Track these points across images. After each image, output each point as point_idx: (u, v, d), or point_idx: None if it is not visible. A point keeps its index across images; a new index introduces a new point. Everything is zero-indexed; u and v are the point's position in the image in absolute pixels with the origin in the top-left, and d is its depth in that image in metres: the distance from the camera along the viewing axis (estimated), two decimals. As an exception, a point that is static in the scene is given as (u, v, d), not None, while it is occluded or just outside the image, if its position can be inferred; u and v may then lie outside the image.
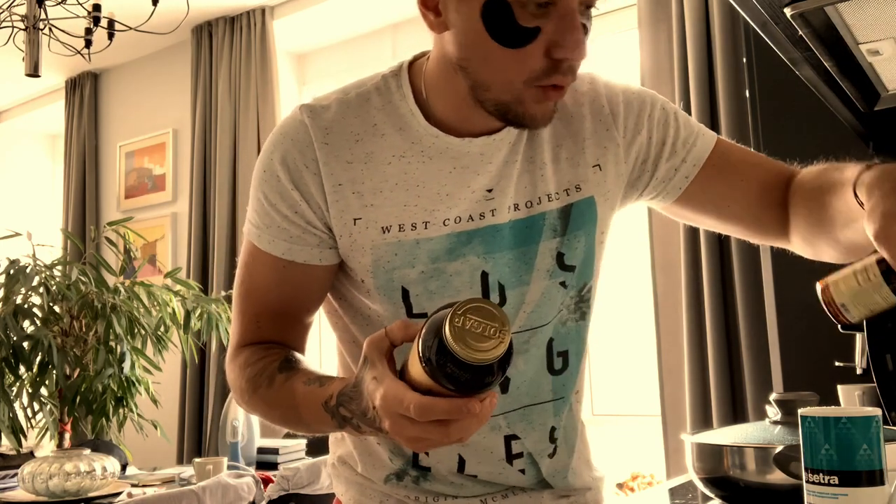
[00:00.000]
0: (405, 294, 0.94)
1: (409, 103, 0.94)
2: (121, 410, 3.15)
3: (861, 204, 0.82)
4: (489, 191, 0.94)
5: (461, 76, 0.88)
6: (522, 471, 1.01)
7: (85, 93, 4.70)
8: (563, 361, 1.01)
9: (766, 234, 1.06)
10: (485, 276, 0.94)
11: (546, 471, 1.03)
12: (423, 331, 0.68)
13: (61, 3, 2.89)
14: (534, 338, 0.97)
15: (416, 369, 0.69)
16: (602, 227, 1.00)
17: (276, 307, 0.97)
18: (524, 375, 0.98)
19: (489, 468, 1.00)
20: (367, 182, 0.92)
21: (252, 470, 2.64)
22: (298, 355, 0.96)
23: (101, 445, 2.88)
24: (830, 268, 0.89)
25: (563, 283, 0.97)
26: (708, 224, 1.08)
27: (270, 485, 2.48)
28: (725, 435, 1.05)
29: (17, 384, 3.04)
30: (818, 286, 0.83)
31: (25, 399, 3.08)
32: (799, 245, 1.02)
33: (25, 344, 2.99)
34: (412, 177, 0.93)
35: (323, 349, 3.65)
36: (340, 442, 1.09)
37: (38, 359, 3.00)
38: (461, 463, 1.00)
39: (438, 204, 0.93)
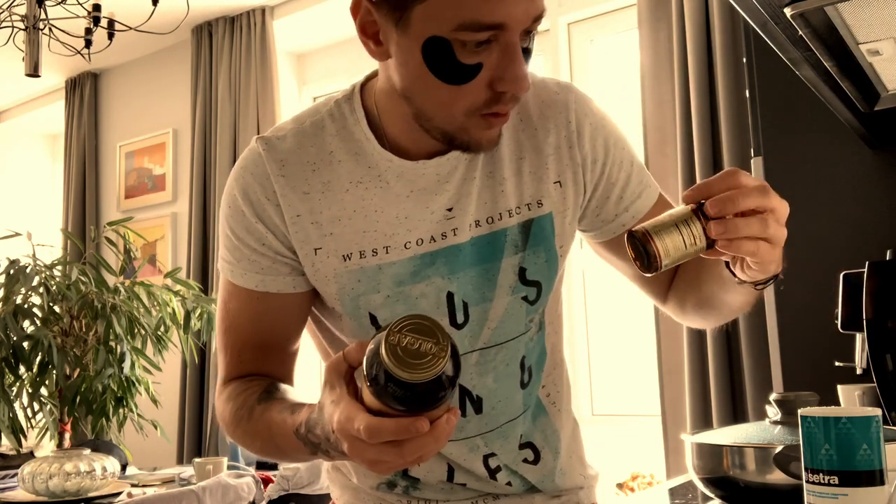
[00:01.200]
0: (373, 319, 0.94)
1: (363, 128, 0.93)
2: (121, 410, 3.15)
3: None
4: (449, 210, 0.93)
5: (405, 104, 0.87)
6: (509, 483, 1.02)
7: (85, 93, 4.70)
8: (529, 374, 1.01)
9: (659, 294, 1.09)
10: (450, 296, 0.93)
11: (532, 478, 1.03)
12: (367, 351, 0.68)
13: (61, 3, 2.89)
14: (500, 354, 0.97)
15: (366, 391, 0.69)
16: (561, 241, 0.98)
17: (256, 340, 0.97)
18: (497, 395, 0.98)
19: (478, 484, 1.02)
20: (325, 211, 0.92)
21: (252, 470, 2.64)
22: (281, 385, 0.95)
23: (101, 445, 2.89)
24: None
25: (525, 298, 0.96)
26: (620, 269, 1.09)
27: (270, 485, 2.48)
28: (725, 435, 1.05)
29: (17, 384, 3.04)
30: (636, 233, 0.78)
31: (25, 399, 3.08)
32: (672, 305, 1.05)
33: (25, 344, 2.99)
34: (370, 203, 0.92)
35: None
36: None
37: (38, 359, 3.00)
38: (450, 472, 1.00)
39: (398, 228, 0.92)
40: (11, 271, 3.07)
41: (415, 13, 0.79)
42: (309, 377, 3.47)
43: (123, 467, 2.82)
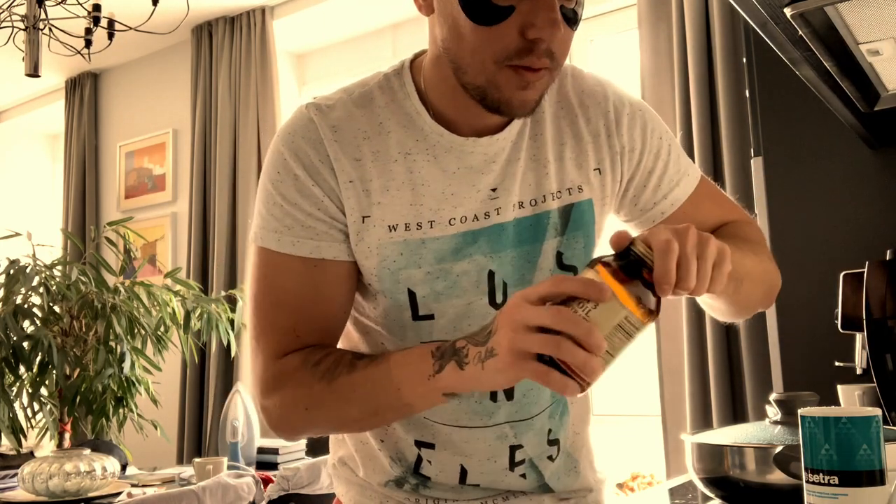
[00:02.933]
0: (412, 296, 0.93)
1: (414, 101, 0.94)
2: (121, 410, 3.15)
3: None
4: (493, 190, 0.94)
5: (446, 61, 0.88)
6: (523, 475, 1.02)
7: (85, 93, 4.70)
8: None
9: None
10: (491, 274, 0.94)
11: (548, 475, 1.03)
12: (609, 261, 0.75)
13: (61, 3, 2.89)
14: None
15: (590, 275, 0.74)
16: (598, 231, 1.00)
17: (313, 312, 0.93)
18: (528, 381, 0.97)
19: (491, 477, 1.01)
20: (374, 180, 0.92)
21: (252, 470, 2.64)
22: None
23: (101, 445, 2.88)
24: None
25: None
26: None
27: (270, 485, 2.47)
28: (725, 435, 1.05)
29: (17, 384, 3.04)
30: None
31: (25, 399, 3.08)
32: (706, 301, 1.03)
33: (25, 344, 2.99)
34: (418, 175, 0.93)
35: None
36: (341, 443, 1.09)
37: (38, 359, 3.00)
38: (463, 474, 1.00)
39: (443, 203, 0.93)
40: (11, 271, 3.07)
41: None
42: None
43: (123, 467, 2.82)
